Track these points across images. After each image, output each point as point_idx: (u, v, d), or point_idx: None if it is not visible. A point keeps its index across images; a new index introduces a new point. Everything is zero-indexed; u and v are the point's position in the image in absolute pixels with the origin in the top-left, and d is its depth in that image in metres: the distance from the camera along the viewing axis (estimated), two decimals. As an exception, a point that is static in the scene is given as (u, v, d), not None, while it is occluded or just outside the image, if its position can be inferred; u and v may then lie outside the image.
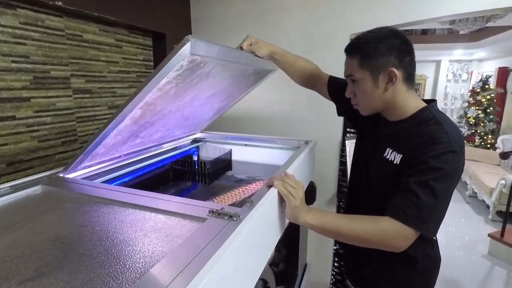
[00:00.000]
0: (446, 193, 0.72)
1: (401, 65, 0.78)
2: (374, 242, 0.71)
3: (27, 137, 1.14)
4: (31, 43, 1.12)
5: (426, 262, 0.88)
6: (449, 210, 0.80)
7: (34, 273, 0.47)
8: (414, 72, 0.82)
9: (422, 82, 7.53)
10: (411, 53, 0.80)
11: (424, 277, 0.90)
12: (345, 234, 0.74)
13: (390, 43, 0.78)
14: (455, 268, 2.46)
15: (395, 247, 0.71)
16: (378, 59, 0.78)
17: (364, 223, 0.72)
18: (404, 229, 0.70)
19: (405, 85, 0.80)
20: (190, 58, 0.69)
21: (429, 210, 0.70)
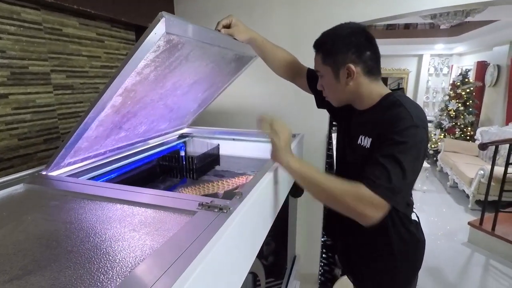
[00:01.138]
0: (412, 165, 0.74)
1: (360, 60, 0.82)
2: (347, 203, 0.73)
3: (6, 135, 1.10)
4: (7, 37, 1.07)
5: (404, 243, 0.91)
6: (431, 200, 0.83)
7: (20, 272, 0.45)
8: (377, 65, 0.86)
9: (405, 76, 7.70)
10: (372, 48, 0.84)
11: (405, 258, 0.94)
12: (323, 189, 0.76)
13: (348, 40, 0.83)
14: (437, 256, 2.56)
15: (365, 216, 0.72)
16: (337, 56, 0.83)
17: (343, 184, 0.75)
18: (374, 198, 0.72)
19: (367, 78, 0.84)
20: (166, 37, 0.68)
21: (397, 181, 0.73)
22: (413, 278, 1.00)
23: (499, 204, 2.56)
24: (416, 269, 0.98)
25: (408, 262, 0.95)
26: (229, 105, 1.86)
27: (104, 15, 1.38)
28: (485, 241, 2.69)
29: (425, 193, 4.08)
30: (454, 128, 5.22)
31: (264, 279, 1.07)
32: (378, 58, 0.87)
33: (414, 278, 1.00)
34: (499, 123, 4.75)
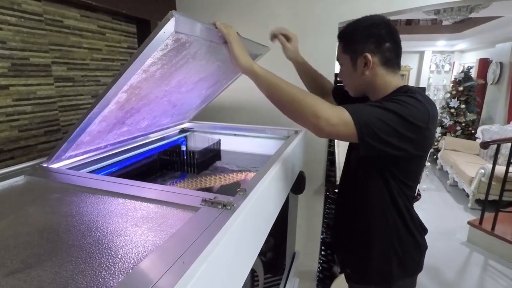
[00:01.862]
0: (397, 114, 0.74)
1: (379, 51, 0.84)
2: (308, 104, 0.74)
3: (7, 126, 1.09)
4: (7, 28, 1.06)
5: (401, 238, 0.92)
6: (430, 199, 0.83)
7: (21, 265, 0.45)
8: (396, 58, 0.87)
9: (406, 73, 7.67)
10: (393, 40, 0.85)
11: (403, 249, 0.93)
12: (286, 91, 0.78)
13: (368, 31, 0.85)
14: (435, 255, 2.56)
15: (319, 117, 0.72)
16: (357, 45, 0.86)
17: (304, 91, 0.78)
18: (337, 107, 0.74)
19: (384, 69, 0.85)
20: (175, 36, 0.67)
21: (367, 113, 0.74)
22: (410, 283, 0.99)
23: (499, 203, 2.56)
24: (412, 274, 0.98)
25: (406, 267, 0.94)
26: (231, 100, 1.85)
27: (105, 7, 1.36)
28: (484, 241, 2.70)
29: (424, 192, 4.09)
30: (455, 126, 5.21)
31: (262, 275, 1.06)
32: (399, 51, 0.87)
33: (411, 283, 1.00)
34: (500, 121, 4.74)
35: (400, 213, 0.90)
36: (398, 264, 0.93)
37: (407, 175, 0.87)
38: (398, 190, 0.87)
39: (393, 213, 0.89)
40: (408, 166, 0.86)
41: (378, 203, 0.90)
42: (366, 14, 1.60)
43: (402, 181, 0.86)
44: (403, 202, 0.89)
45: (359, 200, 0.97)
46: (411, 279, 0.99)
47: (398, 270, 0.93)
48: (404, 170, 0.85)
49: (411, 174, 0.88)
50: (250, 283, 0.94)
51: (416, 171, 0.90)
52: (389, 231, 0.91)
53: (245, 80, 1.63)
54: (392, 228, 0.91)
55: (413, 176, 0.89)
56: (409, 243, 0.93)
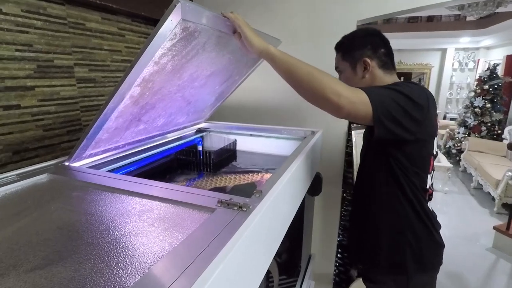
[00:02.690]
0: (396, 99, 0.79)
1: (375, 56, 0.95)
2: (325, 83, 0.75)
3: (32, 126, 1.13)
4: (33, 32, 1.10)
5: (415, 235, 0.93)
6: (453, 202, 0.83)
7: (42, 261, 0.46)
8: (390, 61, 0.98)
9: (427, 72, 7.43)
10: (386, 46, 0.97)
11: (418, 255, 0.93)
12: (302, 68, 0.78)
13: (364, 40, 0.97)
14: (458, 261, 2.46)
15: (339, 95, 0.74)
16: (355, 52, 0.96)
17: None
18: (353, 88, 0.77)
19: (382, 71, 0.96)
20: (183, 24, 0.67)
21: (376, 94, 0.78)
22: (429, 283, 0.97)
23: (528, 208, 2.43)
24: (429, 270, 0.95)
25: (421, 261, 0.93)
26: (246, 100, 1.85)
27: (125, 9, 1.39)
28: (511, 247, 2.57)
29: (446, 194, 3.95)
30: (480, 126, 5.00)
31: (277, 277, 1.06)
32: (392, 55, 0.99)
33: (430, 283, 0.97)
34: (529, 122, 4.50)
35: (411, 204, 0.91)
36: (413, 257, 0.92)
37: (412, 161, 0.88)
38: (405, 178, 0.89)
39: (403, 203, 0.91)
40: (413, 151, 0.88)
41: (385, 193, 0.93)
42: (386, 11, 1.57)
43: (407, 167, 0.88)
44: (412, 192, 0.90)
45: (367, 192, 1.01)
46: (429, 277, 0.96)
47: (414, 264, 0.92)
48: (409, 155, 0.88)
49: (416, 160, 0.89)
50: (264, 284, 0.93)
51: (422, 158, 0.91)
52: (399, 221, 0.92)
53: (259, 80, 1.63)
54: (403, 218, 0.92)
55: (419, 162, 0.90)
56: (424, 236, 0.93)
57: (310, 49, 1.65)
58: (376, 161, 0.94)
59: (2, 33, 1.00)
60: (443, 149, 5.84)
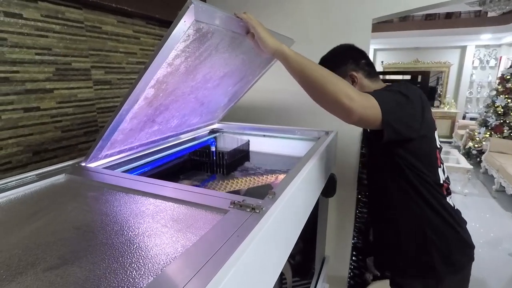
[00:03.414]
0: (397, 98, 0.81)
1: (359, 68, 1.00)
2: (339, 87, 0.74)
3: (51, 127, 1.17)
4: (52, 36, 1.13)
5: (439, 234, 0.91)
6: (473, 204, 0.82)
7: (58, 261, 0.47)
8: (373, 69, 1.02)
9: (446, 70, 7.23)
10: (365, 57, 1.02)
11: (446, 257, 0.91)
12: (315, 70, 0.78)
13: (344, 55, 1.01)
14: (479, 266, 2.37)
15: (351, 99, 0.73)
16: (340, 69, 0.98)
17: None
18: (365, 94, 0.77)
19: (368, 80, 1.00)
20: (196, 25, 0.67)
21: (384, 99, 0.79)
22: (461, 281, 0.94)
23: (554, 211, 2.32)
24: (460, 270, 0.92)
25: (449, 261, 0.90)
26: (259, 100, 1.85)
27: (140, 12, 1.42)
28: (536, 252, 2.46)
29: (466, 197, 3.82)
30: (502, 126, 4.81)
31: (290, 278, 1.05)
32: (372, 64, 1.03)
33: (462, 281, 0.94)
34: (556, 122, 4.30)
35: (426, 201, 0.89)
36: (441, 258, 0.90)
37: (419, 157, 0.88)
38: (415, 175, 0.88)
39: (417, 201, 0.90)
40: (417, 147, 0.88)
41: (397, 194, 0.92)
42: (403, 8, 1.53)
43: (415, 164, 0.88)
44: (425, 189, 0.89)
45: (380, 195, 1.01)
46: (459, 279, 0.93)
47: (443, 266, 0.90)
48: (415, 152, 0.88)
49: (423, 156, 0.89)
50: (278, 286, 0.92)
51: (428, 153, 0.91)
52: (417, 220, 0.91)
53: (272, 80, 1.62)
54: (421, 217, 0.90)
55: (426, 157, 0.90)
56: (449, 234, 0.91)
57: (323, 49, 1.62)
58: (383, 163, 0.95)
59: (23, 37, 1.03)
60: (463, 150, 5.65)
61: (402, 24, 5.68)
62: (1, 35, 0.97)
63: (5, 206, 0.67)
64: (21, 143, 1.07)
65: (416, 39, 6.23)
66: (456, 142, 6.44)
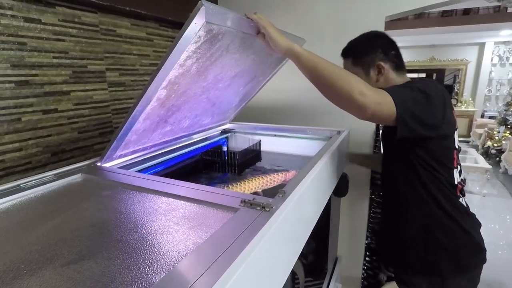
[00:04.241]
0: (416, 96, 0.79)
1: (388, 58, 0.96)
2: (351, 83, 0.74)
3: (68, 128, 1.20)
4: (69, 39, 1.17)
5: (448, 235, 0.89)
6: (492, 205, 0.80)
7: (76, 256, 0.49)
8: (401, 62, 0.98)
9: (463, 67, 7.03)
10: (395, 48, 0.98)
11: (453, 258, 0.90)
12: (327, 68, 0.77)
13: (374, 43, 0.97)
14: (498, 269, 2.30)
15: (364, 95, 0.72)
16: (367, 57, 0.97)
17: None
18: (377, 89, 0.76)
19: (394, 73, 0.96)
20: (207, 27, 0.68)
21: (400, 95, 0.78)
22: (468, 283, 0.92)
23: None
24: (466, 272, 0.90)
25: (455, 262, 0.89)
26: (270, 100, 1.85)
27: (153, 15, 1.44)
28: (559, 255, 2.36)
29: (484, 197, 3.70)
30: (523, 125, 4.64)
31: (303, 278, 1.04)
32: (401, 56, 0.99)
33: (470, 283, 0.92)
34: None
35: (437, 201, 0.88)
36: (447, 257, 0.89)
37: (435, 157, 0.86)
38: (429, 175, 0.87)
39: (428, 201, 0.88)
40: (435, 147, 0.86)
41: (409, 192, 0.91)
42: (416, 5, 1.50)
43: (430, 164, 0.86)
44: (438, 189, 0.87)
45: (392, 192, 1.00)
46: (467, 281, 0.91)
47: (449, 265, 0.88)
48: (431, 151, 0.86)
49: (440, 156, 0.87)
50: (290, 285, 0.92)
51: (445, 153, 0.89)
52: (426, 219, 0.90)
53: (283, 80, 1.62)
54: (430, 216, 0.89)
55: (443, 157, 0.88)
56: (458, 235, 0.89)
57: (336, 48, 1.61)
58: (396, 159, 0.94)
59: (42, 41, 1.07)
60: (481, 149, 5.48)
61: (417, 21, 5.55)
62: (21, 40, 1.01)
63: (25, 204, 0.69)
64: (40, 144, 1.11)
65: (432, 36, 6.08)
66: (474, 141, 6.25)
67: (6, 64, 0.98)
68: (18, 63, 1.01)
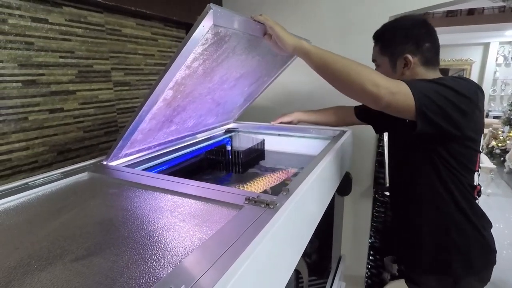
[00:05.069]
0: (441, 92, 0.74)
1: (419, 51, 0.87)
2: (365, 74, 0.72)
3: (74, 127, 1.22)
4: (75, 39, 1.18)
5: (462, 233, 0.88)
6: (497, 205, 0.80)
7: (84, 252, 0.50)
8: (436, 56, 0.89)
9: (467, 67, 6.99)
10: (432, 39, 0.88)
11: (465, 258, 0.89)
12: (338, 61, 0.76)
13: (407, 32, 0.88)
14: (504, 268, 2.29)
15: (378, 86, 0.71)
16: (396, 47, 0.89)
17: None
18: (392, 79, 0.73)
19: (424, 68, 0.88)
20: (214, 30, 0.69)
21: (427, 87, 0.74)
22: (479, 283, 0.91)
23: None
24: (477, 273, 0.90)
25: (468, 262, 0.88)
26: (274, 100, 1.85)
27: (158, 15, 1.45)
28: None
29: (489, 197, 3.68)
30: (528, 125, 4.61)
31: (307, 277, 1.05)
32: (438, 49, 0.90)
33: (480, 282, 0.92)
34: None
35: (456, 202, 0.85)
36: (461, 259, 0.87)
37: (459, 159, 0.82)
38: (451, 176, 0.83)
39: (447, 201, 0.86)
40: (460, 148, 0.81)
41: (428, 192, 0.88)
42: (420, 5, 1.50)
43: (453, 165, 0.82)
44: (458, 190, 0.84)
45: (406, 191, 0.96)
46: (479, 279, 0.91)
47: (461, 266, 0.87)
48: (456, 154, 0.81)
49: (463, 158, 0.83)
50: (294, 284, 0.93)
51: (469, 155, 0.84)
52: (443, 219, 0.88)
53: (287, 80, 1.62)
54: (447, 216, 0.87)
55: (466, 160, 0.83)
56: (473, 237, 0.87)
57: (339, 47, 1.62)
58: (415, 157, 0.89)
59: (49, 41, 1.08)
60: (486, 149, 5.45)
61: (420, 20, 5.52)
62: (29, 40, 1.03)
63: (34, 202, 0.71)
64: (46, 143, 1.12)
65: (436, 36, 6.04)
66: (479, 141, 6.21)
67: (14, 64, 1.00)
68: (25, 63, 1.03)
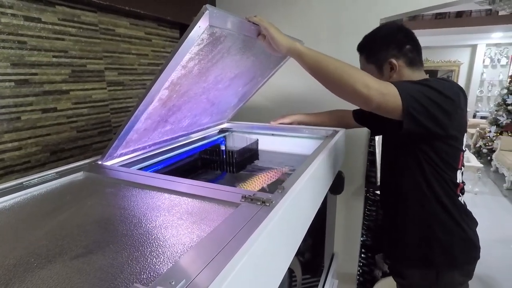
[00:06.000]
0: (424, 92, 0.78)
1: (401, 54, 0.93)
2: (356, 76, 0.75)
3: (67, 127, 1.21)
4: (68, 39, 1.18)
5: (445, 228, 0.91)
6: (483, 203, 0.84)
7: (83, 250, 0.50)
8: (418, 56, 0.95)
9: (456, 69, 7.14)
10: (412, 41, 0.94)
11: (448, 253, 0.92)
12: (330, 63, 0.79)
13: (387, 39, 0.94)
14: (491, 265, 2.35)
15: (369, 87, 0.74)
16: (380, 54, 0.95)
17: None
18: (383, 81, 0.76)
19: (409, 69, 0.94)
20: (210, 30, 0.71)
21: (413, 89, 0.78)
22: (460, 279, 0.95)
23: None
24: (459, 266, 0.93)
25: (451, 257, 0.92)
26: (268, 100, 1.87)
27: (152, 14, 1.45)
28: (548, 251, 2.43)
29: (476, 195, 3.77)
30: (513, 125, 4.74)
31: (300, 275, 1.06)
32: (419, 49, 0.95)
33: (461, 284, 0.95)
34: None
35: (439, 199, 0.89)
36: (442, 252, 0.91)
37: (443, 157, 0.86)
38: (435, 173, 0.87)
39: (430, 198, 0.90)
40: (443, 147, 0.85)
41: (413, 188, 0.92)
42: (410, 8, 1.54)
43: (437, 163, 0.86)
44: (441, 187, 0.88)
45: (394, 188, 1.00)
46: (460, 276, 0.94)
47: (443, 258, 0.91)
48: (440, 152, 0.86)
49: (447, 156, 0.87)
50: (287, 283, 0.94)
51: (453, 154, 0.88)
52: (427, 215, 0.92)
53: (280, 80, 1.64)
54: (431, 213, 0.91)
55: (450, 158, 0.88)
56: (455, 232, 0.91)
57: (331, 49, 1.64)
58: (403, 156, 0.93)
59: (42, 40, 1.08)
60: (473, 149, 5.58)
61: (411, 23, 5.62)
62: (21, 39, 1.02)
63: (29, 202, 0.70)
64: (39, 143, 1.12)
65: (426, 38, 6.16)
66: (466, 141, 6.35)
67: (6, 63, 0.99)
68: (18, 62, 1.02)
